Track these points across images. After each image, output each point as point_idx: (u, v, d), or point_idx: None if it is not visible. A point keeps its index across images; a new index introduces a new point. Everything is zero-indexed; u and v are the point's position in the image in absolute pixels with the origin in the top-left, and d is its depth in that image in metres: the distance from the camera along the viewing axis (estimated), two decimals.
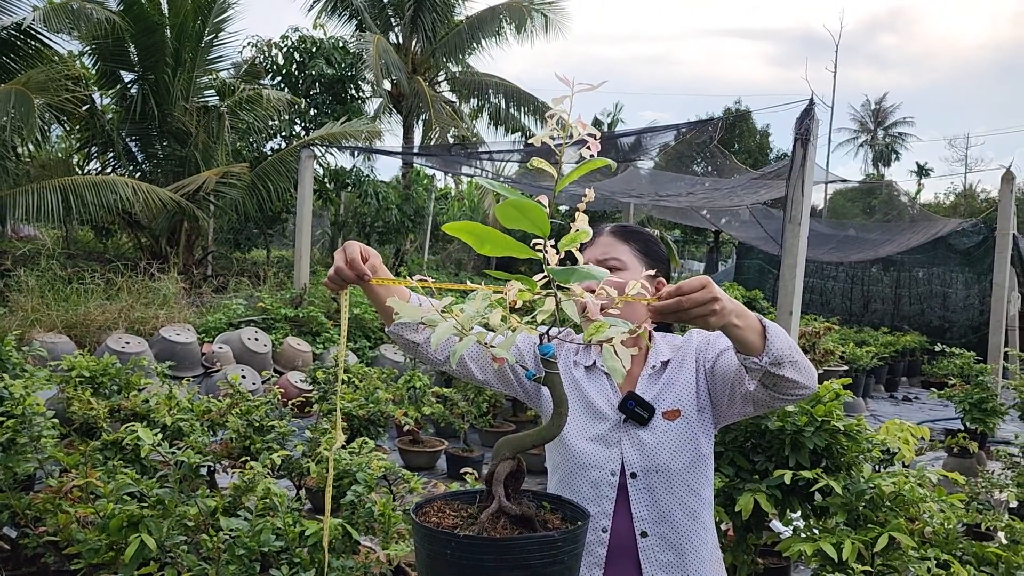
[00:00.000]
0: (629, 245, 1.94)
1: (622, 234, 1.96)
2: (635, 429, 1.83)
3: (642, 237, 1.98)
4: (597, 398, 1.89)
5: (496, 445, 1.43)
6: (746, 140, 37.23)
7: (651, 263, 1.93)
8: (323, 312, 9.66)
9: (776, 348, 1.57)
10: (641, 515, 1.80)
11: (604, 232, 1.97)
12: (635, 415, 1.83)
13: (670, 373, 1.89)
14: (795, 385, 1.62)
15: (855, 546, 2.77)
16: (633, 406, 1.83)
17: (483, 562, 1.25)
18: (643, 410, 1.83)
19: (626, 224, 2.04)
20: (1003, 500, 4.96)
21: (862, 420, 3.33)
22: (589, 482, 1.83)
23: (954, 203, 49.48)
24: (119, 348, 6.94)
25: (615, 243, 1.94)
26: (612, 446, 1.84)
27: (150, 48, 12.64)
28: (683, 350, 1.92)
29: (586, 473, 1.84)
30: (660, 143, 10.32)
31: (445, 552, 1.27)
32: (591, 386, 1.92)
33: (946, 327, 14.71)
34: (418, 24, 18.71)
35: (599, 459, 1.83)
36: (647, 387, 1.88)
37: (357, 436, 4.99)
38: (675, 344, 1.96)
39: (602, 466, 1.83)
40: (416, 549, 1.37)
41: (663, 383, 1.88)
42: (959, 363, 7.46)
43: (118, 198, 10.68)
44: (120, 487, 3.15)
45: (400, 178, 19.33)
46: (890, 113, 57.71)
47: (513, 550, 1.25)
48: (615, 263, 1.90)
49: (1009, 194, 8.67)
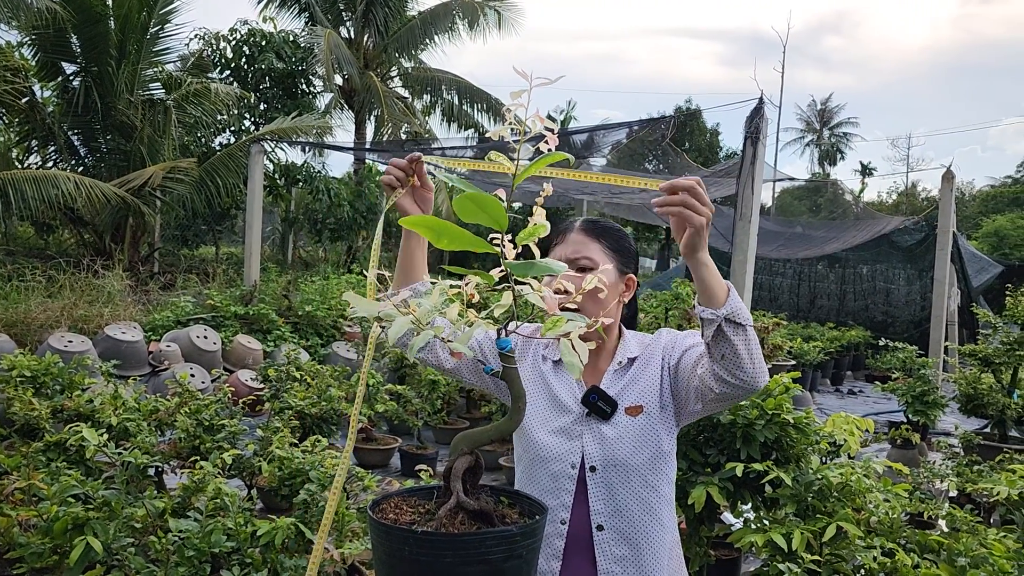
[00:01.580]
0: (600, 243, 1.93)
1: (592, 231, 1.95)
2: (597, 423, 1.84)
3: (612, 233, 1.97)
4: (562, 392, 1.90)
5: (454, 440, 1.42)
6: (696, 139, 37.68)
7: (622, 259, 1.94)
8: (274, 309, 9.53)
9: (736, 304, 1.61)
10: (598, 508, 1.81)
11: (574, 229, 1.95)
12: (597, 409, 1.84)
13: (636, 370, 1.90)
14: (739, 365, 1.61)
15: (804, 536, 2.83)
16: (596, 400, 1.84)
17: (441, 558, 1.24)
18: (606, 404, 1.84)
19: (596, 220, 2.01)
20: (943, 489, 5.11)
21: (810, 413, 3.40)
22: (549, 474, 1.84)
23: (896, 202, 50.80)
24: (61, 347, 6.75)
25: (586, 240, 1.92)
26: (574, 439, 1.84)
27: (93, 39, 12.31)
28: (651, 348, 1.93)
29: (547, 465, 1.85)
30: (613, 140, 10.40)
31: (403, 549, 1.26)
32: (557, 380, 1.93)
33: (889, 322, 15.09)
34: (370, 19, 18.56)
35: (560, 452, 1.84)
36: (612, 382, 1.89)
37: (310, 434, 4.94)
38: (644, 342, 1.97)
39: (562, 459, 1.84)
40: (373, 547, 1.35)
41: (628, 379, 1.89)
42: (902, 357, 7.66)
43: (60, 193, 10.40)
44: (64, 489, 3.07)
45: (352, 174, 19.16)
46: (835, 113, 58.99)
47: (471, 545, 1.25)
48: (586, 262, 1.89)
49: (949, 193, 8.90)
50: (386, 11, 18.54)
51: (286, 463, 3.82)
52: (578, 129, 11.35)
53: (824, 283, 16.67)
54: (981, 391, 7.24)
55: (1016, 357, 7.02)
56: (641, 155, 13.36)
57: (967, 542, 2.90)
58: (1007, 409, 6.97)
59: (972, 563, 2.75)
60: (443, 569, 1.24)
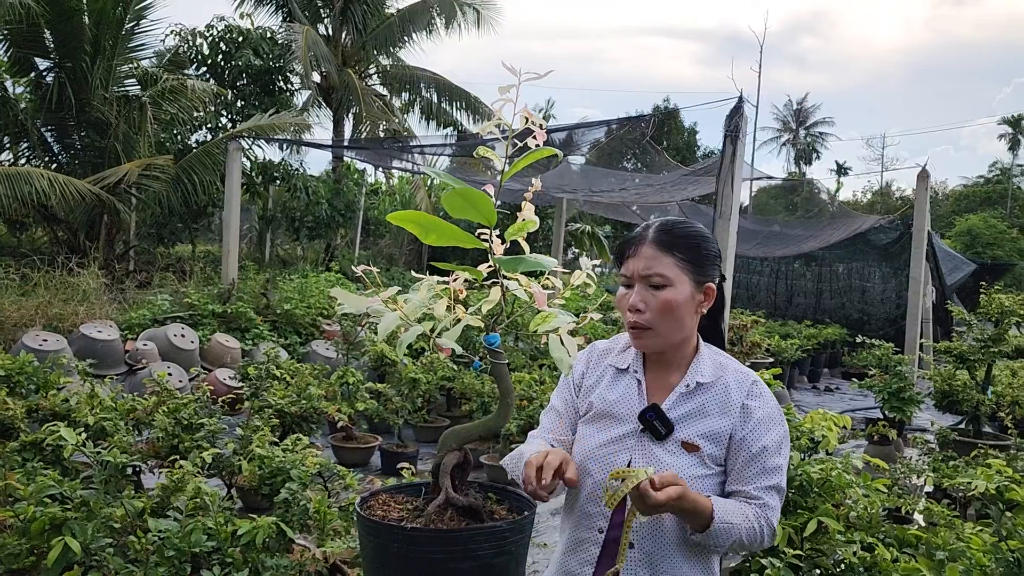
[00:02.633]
0: (673, 256, 1.77)
1: (666, 244, 1.78)
2: (649, 442, 1.78)
3: (687, 242, 1.80)
4: (620, 401, 1.84)
5: (442, 437, 1.42)
6: (675, 138, 37.90)
7: (697, 270, 1.79)
8: (252, 308, 9.45)
9: (717, 533, 1.66)
10: (635, 525, 1.74)
11: (647, 241, 1.79)
12: (652, 428, 1.77)
13: (703, 401, 1.82)
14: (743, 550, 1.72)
15: (786, 532, 2.85)
16: (652, 418, 1.77)
17: (430, 554, 1.24)
18: (661, 425, 1.77)
19: (671, 227, 1.83)
20: (920, 485, 5.17)
21: (791, 409, 3.43)
22: (594, 482, 1.78)
23: (871, 201, 51.37)
24: (36, 346, 6.66)
25: (658, 255, 1.77)
26: (623, 452, 1.79)
27: (67, 35, 12.12)
28: (723, 380, 1.84)
29: (592, 473, 1.79)
30: (592, 139, 10.42)
31: (392, 545, 1.26)
32: (618, 388, 1.87)
33: (865, 320, 15.24)
34: (348, 16, 18.46)
35: (605, 461, 1.79)
36: (675, 404, 1.81)
37: (290, 433, 4.90)
38: (719, 364, 1.87)
39: (606, 469, 1.76)
40: (361, 544, 1.34)
41: (693, 408, 1.81)
42: (878, 354, 7.74)
43: (33, 190, 10.23)
44: (41, 489, 3.03)
45: (330, 172, 19.05)
46: (811, 113, 59.55)
47: (460, 541, 1.25)
48: (658, 279, 1.75)
49: (924, 192, 8.99)
50: (364, 8, 18.44)
51: (267, 462, 3.80)
52: (558, 127, 11.35)
53: (801, 281, 16.82)
54: (956, 387, 7.34)
55: (990, 354, 7.11)
56: (620, 153, 13.40)
57: (945, 536, 2.93)
58: (981, 405, 7.06)
59: (950, 557, 2.78)
60: (432, 565, 1.24)
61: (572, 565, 1.80)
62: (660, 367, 1.86)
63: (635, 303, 1.75)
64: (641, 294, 1.75)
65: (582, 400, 1.90)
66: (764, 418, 1.80)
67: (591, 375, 1.92)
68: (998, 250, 34.47)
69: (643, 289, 1.75)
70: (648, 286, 1.75)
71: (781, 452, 1.79)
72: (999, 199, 48.72)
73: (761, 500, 1.75)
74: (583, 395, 1.90)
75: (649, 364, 1.87)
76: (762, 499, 1.75)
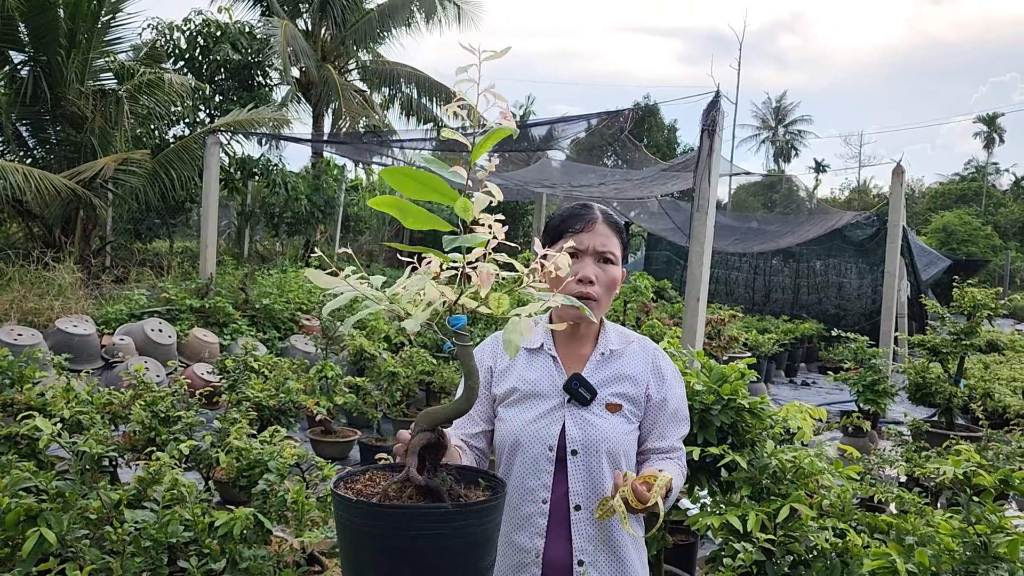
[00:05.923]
0: (619, 238, 1.97)
1: (615, 226, 1.97)
2: (577, 409, 1.89)
3: (622, 228, 2.01)
4: (541, 379, 1.94)
5: (417, 417, 1.44)
6: (654, 134, 38.04)
7: (625, 255, 2.01)
8: (230, 303, 9.40)
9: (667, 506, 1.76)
10: (577, 490, 1.86)
11: (599, 220, 1.96)
12: (578, 395, 1.89)
13: (618, 365, 1.97)
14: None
15: (759, 517, 2.88)
16: (577, 386, 1.89)
17: (363, 526, 1.26)
18: (586, 391, 1.89)
19: (610, 212, 2.02)
20: (893, 475, 5.24)
21: (765, 398, 3.47)
22: (530, 456, 1.89)
23: (849, 197, 51.82)
24: (11, 340, 6.61)
25: (610, 235, 1.95)
26: (555, 423, 1.89)
27: (42, 28, 11.99)
28: (633, 347, 2.00)
29: (526, 448, 1.89)
30: (572, 133, 10.44)
31: (340, 515, 1.30)
32: (535, 367, 1.97)
33: (841, 315, 15.40)
34: (327, 10, 18.37)
35: (539, 435, 1.89)
36: (593, 371, 1.95)
37: (268, 426, 4.89)
38: (623, 334, 2.03)
39: (541, 441, 1.88)
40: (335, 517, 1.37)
41: (610, 372, 1.96)
42: (854, 348, 7.83)
43: (8, 185, 10.12)
44: (16, 481, 3.01)
45: (310, 168, 18.96)
46: (790, 111, 59.99)
47: (394, 518, 1.24)
48: (611, 256, 1.93)
49: (899, 187, 9.10)
50: (344, 3, 18.37)
51: (244, 454, 3.78)
52: (537, 122, 11.36)
53: (779, 277, 16.96)
54: (929, 380, 7.44)
55: (962, 347, 7.22)
56: (600, 149, 13.44)
57: (915, 522, 2.98)
58: (954, 397, 7.17)
59: (920, 542, 2.83)
60: (370, 538, 1.25)
61: (522, 540, 1.88)
62: (572, 341, 1.99)
63: (589, 275, 1.87)
64: (593, 268, 1.89)
65: (499, 385, 1.99)
66: (673, 376, 2.01)
67: (501, 361, 2.01)
68: (973, 247, 34.93)
69: (595, 263, 1.90)
70: (601, 260, 1.91)
71: (685, 402, 2.04)
72: (974, 196, 49.36)
73: (679, 449, 1.97)
74: (498, 380, 1.99)
75: (559, 340, 1.99)
76: (679, 448, 1.97)
